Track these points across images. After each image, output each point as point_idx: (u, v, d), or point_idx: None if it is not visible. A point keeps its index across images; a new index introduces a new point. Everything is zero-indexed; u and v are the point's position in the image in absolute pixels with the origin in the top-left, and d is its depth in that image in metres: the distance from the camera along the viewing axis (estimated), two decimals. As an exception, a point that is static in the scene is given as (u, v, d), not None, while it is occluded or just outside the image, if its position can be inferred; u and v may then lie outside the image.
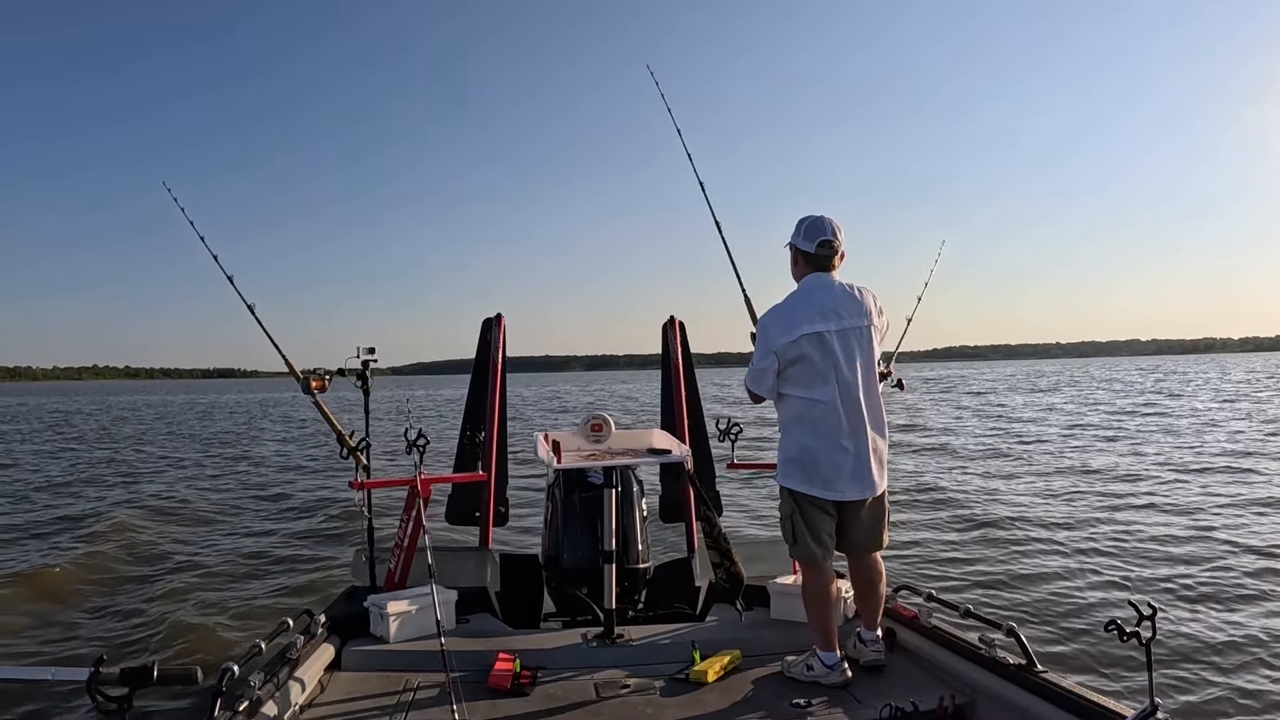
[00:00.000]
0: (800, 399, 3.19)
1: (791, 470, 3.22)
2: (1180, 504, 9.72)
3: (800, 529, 3.22)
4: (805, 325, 3.17)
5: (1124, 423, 19.98)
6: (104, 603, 6.91)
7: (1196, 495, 10.27)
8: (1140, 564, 7.01)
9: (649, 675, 3.24)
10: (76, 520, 10.69)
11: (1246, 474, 11.71)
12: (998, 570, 6.96)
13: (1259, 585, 6.26)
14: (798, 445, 3.20)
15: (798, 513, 3.22)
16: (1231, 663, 4.81)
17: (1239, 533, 8.04)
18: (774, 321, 3.24)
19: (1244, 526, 8.37)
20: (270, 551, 8.73)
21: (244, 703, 2.56)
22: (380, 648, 3.49)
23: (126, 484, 14.55)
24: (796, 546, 3.27)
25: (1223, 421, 19.46)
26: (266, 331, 4.07)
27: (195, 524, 10.63)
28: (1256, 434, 17.05)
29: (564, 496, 4.18)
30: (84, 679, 1.82)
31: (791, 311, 3.24)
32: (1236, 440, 15.86)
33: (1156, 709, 2.21)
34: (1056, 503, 10.12)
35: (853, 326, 3.21)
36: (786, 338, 3.18)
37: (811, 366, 3.16)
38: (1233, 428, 18.09)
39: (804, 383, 3.18)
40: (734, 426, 4.21)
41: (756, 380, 3.30)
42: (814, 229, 3.26)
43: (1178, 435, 17.16)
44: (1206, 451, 14.34)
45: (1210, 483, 11.16)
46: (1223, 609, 5.76)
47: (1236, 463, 12.75)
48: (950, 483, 11.73)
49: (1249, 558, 7.11)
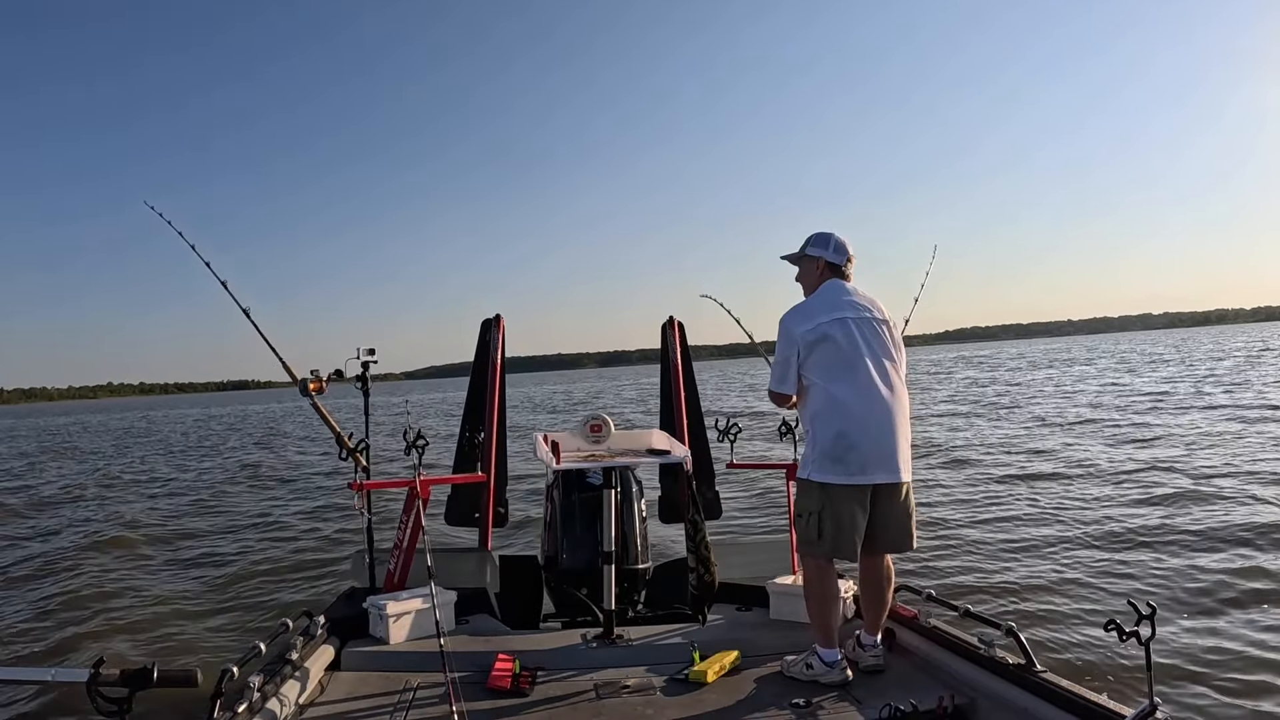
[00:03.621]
0: (829, 385, 3.21)
1: (824, 463, 3.19)
2: (1180, 504, 9.71)
3: (828, 524, 3.18)
4: (823, 316, 3.26)
5: (1131, 413, 19.96)
6: (104, 603, 6.91)
7: (1197, 495, 10.27)
8: (1140, 564, 7.01)
9: (649, 675, 3.25)
10: (80, 524, 10.70)
11: (1257, 471, 11.68)
12: (997, 570, 6.96)
13: (1259, 585, 6.26)
14: (831, 433, 3.18)
15: (829, 508, 3.18)
16: (1231, 662, 4.81)
17: (1239, 533, 8.04)
18: (793, 317, 3.33)
19: (1245, 527, 8.36)
20: (270, 551, 8.73)
21: (244, 704, 2.56)
22: (380, 648, 3.49)
23: (136, 489, 14.56)
24: (820, 542, 3.20)
25: (1230, 410, 19.38)
26: (263, 335, 4.08)
27: (195, 523, 10.64)
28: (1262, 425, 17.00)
29: (563, 497, 4.18)
30: (84, 680, 1.82)
31: (810, 307, 3.35)
32: (1243, 435, 15.80)
33: (1156, 708, 2.21)
34: (1056, 502, 10.11)
35: (872, 317, 3.29)
36: (806, 327, 3.25)
37: (835, 352, 3.21)
38: (1242, 418, 18.00)
39: (830, 370, 3.21)
40: (733, 426, 4.22)
41: (780, 378, 3.35)
42: (838, 246, 3.41)
43: (1180, 431, 17.14)
44: (1210, 447, 14.32)
45: (1211, 481, 11.15)
46: (1223, 609, 5.76)
47: (1242, 460, 12.73)
48: (950, 482, 11.73)
49: (1249, 558, 7.11)
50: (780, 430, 4.10)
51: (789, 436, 4.07)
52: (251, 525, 10.51)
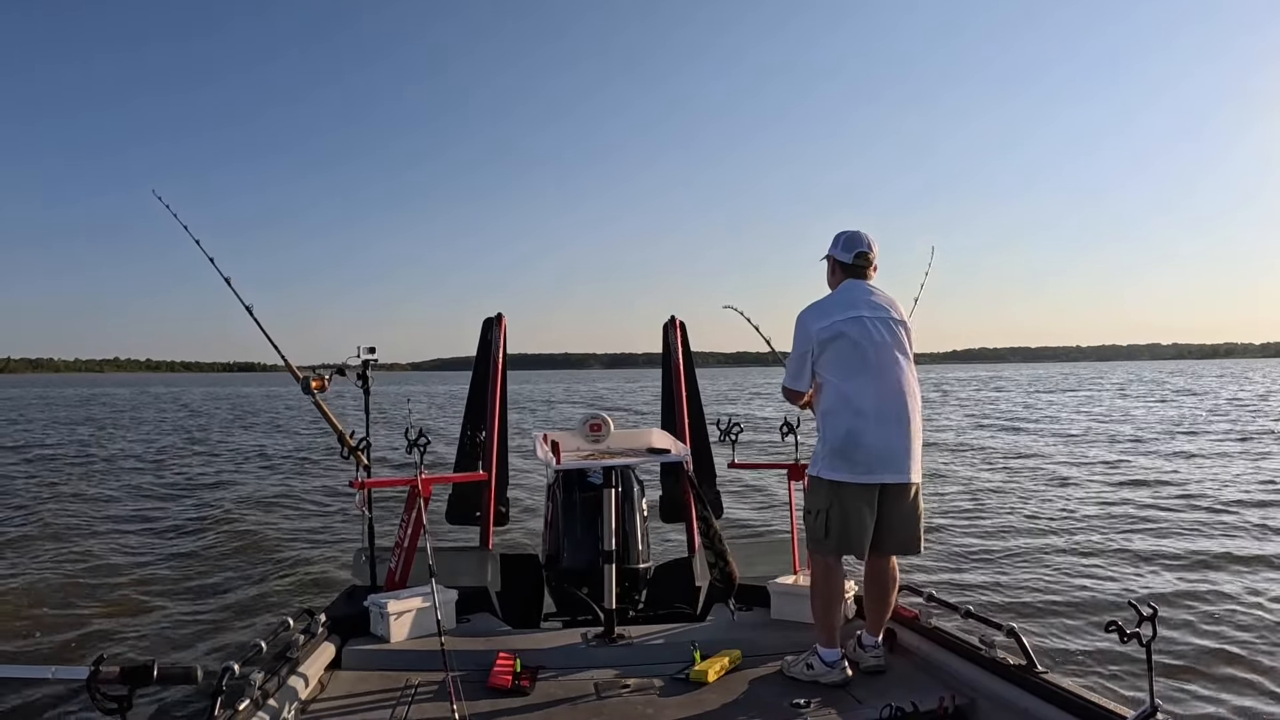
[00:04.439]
0: (841, 383, 3.21)
1: (835, 461, 3.19)
2: (1180, 503, 9.71)
3: (835, 522, 3.18)
4: (839, 313, 3.27)
5: (1130, 424, 19.98)
6: (104, 602, 6.91)
7: (1197, 495, 10.27)
8: (1141, 564, 7.01)
9: (649, 675, 3.24)
10: (78, 520, 10.70)
11: (1257, 475, 11.70)
12: (998, 570, 6.96)
13: (1259, 585, 6.26)
14: (842, 431, 3.18)
15: (836, 505, 3.18)
16: (1232, 663, 4.81)
17: (1241, 533, 8.04)
18: (810, 314, 3.34)
19: (1246, 527, 8.36)
20: (270, 552, 8.73)
21: (244, 702, 2.56)
22: (380, 647, 3.49)
23: (136, 472, 14.57)
24: (828, 540, 3.21)
25: (1233, 427, 19.43)
26: (266, 333, 4.08)
27: (195, 525, 10.63)
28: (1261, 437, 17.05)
29: (564, 496, 4.18)
30: (84, 678, 1.82)
31: (826, 305, 3.35)
32: (1246, 442, 15.84)
33: (1156, 710, 2.21)
34: (1057, 502, 10.11)
35: (888, 317, 3.30)
36: (821, 323, 3.26)
37: (849, 349, 3.21)
38: (1244, 432, 18.05)
39: (843, 367, 3.22)
40: (734, 426, 4.22)
41: (795, 374, 3.37)
42: (852, 241, 3.42)
43: (1183, 436, 17.16)
44: (1211, 453, 14.34)
45: (1213, 482, 11.16)
46: (1223, 609, 5.76)
47: (1244, 465, 12.74)
48: (950, 481, 11.73)
49: (1250, 557, 7.11)
50: (782, 430, 4.10)
51: (790, 437, 4.08)
52: (251, 526, 10.50)
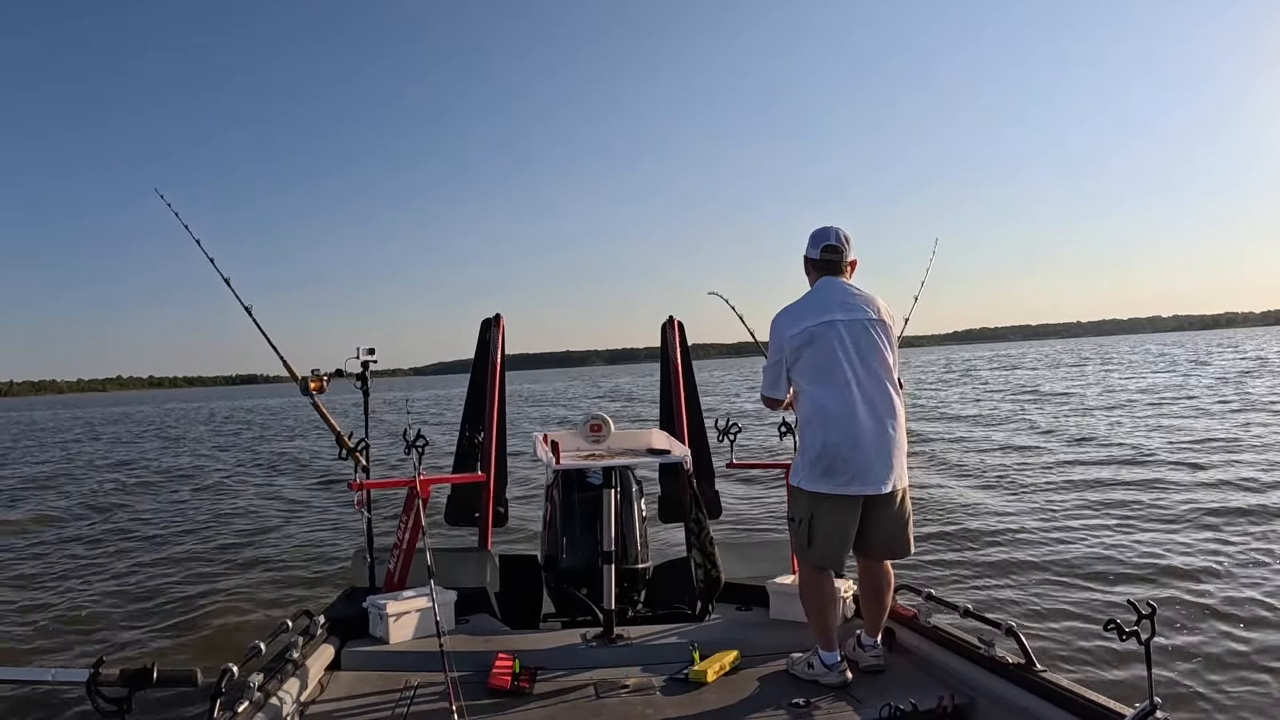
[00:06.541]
0: (816, 391, 3.17)
1: (813, 472, 3.16)
2: (1181, 503, 9.71)
3: (818, 532, 3.17)
4: (812, 318, 3.20)
5: (1128, 413, 19.96)
6: (104, 603, 6.91)
7: (1199, 495, 10.26)
8: (1140, 563, 7.00)
9: (648, 675, 3.25)
10: (78, 520, 10.70)
11: (1257, 470, 11.67)
12: (997, 569, 6.96)
13: (1260, 586, 6.26)
14: (819, 443, 3.14)
15: (817, 516, 3.16)
16: (1231, 661, 4.81)
17: (1241, 533, 8.03)
18: (782, 319, 3.29)
19: (1246, 526, 8.36)
20: (270, 551, 8.73)
21: (244, 703, 2.56)
22: (380, 648, 3.50)
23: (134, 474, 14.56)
24: (811, 550, 3.20)
25: (1234, 412, 19.36)
26: (265, 334, 4.08)
27: (195, 526, 10.63)
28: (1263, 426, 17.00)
29: (563, 497, 4.18)
30: (83, 680, 1.82)
31: (799, 309, 3.29)
32: (1246, 432, 15.79)
33: (1156, 708, 2.21)
34: (1057, 501, 10.11)
35: (864, 318, 3.21)
36: (794, 329, 3.21)
37: (824, 355, 3.15)
38: (1244, 418, 17.98)
39: (819, 375, 3.17)
40: (733, 426, 4.22)
41: (771, 382, 3.33)
42: (819, 236, 3.35)
43: (1183, 431, 17.14)
44: (1215, 446, 14.31)
45: (1214, 483, 11.15)
46: (1223, 608, 5.76)
47: (1244, 458, 12.72)
48: (950, 481, 11.73)
49: (1250, 556, 7.11)
50: (780, 430, 4.10)
51: (789, 437, 4.07)
52: (252, 525, 10.50)
